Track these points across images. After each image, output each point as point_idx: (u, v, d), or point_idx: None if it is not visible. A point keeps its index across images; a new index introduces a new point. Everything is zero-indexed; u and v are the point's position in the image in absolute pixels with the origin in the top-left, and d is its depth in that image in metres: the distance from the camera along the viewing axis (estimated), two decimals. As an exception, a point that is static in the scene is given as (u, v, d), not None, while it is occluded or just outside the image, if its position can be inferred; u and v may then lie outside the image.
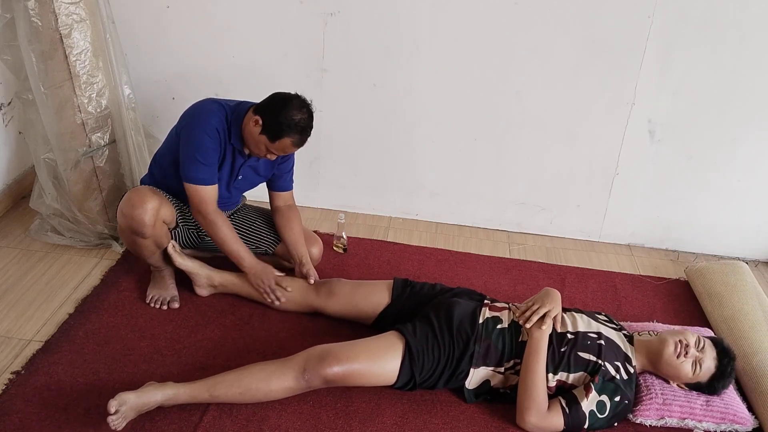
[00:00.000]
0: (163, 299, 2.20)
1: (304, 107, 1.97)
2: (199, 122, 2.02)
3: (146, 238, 2.05)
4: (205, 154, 2.00)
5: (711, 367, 1.87)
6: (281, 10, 2.53)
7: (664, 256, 2.82)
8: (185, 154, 2.02)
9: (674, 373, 1.88)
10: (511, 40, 2.48)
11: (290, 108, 1.95)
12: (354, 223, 2.86)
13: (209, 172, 2.03)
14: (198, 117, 2.04)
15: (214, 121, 2.01)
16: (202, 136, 2.00)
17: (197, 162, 2.00)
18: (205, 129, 2.00)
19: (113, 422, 1.63)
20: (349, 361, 1.78)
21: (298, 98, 1.98)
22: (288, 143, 1.98)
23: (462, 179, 2.82)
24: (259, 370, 1.79)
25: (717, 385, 1.88)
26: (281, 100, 1.97)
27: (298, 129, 1.96)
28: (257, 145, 2.00)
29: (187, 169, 2.02)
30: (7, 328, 2.07)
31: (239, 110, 2.05)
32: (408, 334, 1.87)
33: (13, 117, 2.64)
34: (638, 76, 2.49)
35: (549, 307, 1.89)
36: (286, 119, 1.93)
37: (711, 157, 2.63)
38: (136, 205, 1.99)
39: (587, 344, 1.86)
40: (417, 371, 1.84)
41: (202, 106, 2.07)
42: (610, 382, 1.82)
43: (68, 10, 2.19)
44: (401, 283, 2.11)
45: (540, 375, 1.81)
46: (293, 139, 1.97)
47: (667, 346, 1.87)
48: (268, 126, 1.96)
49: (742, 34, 2.37)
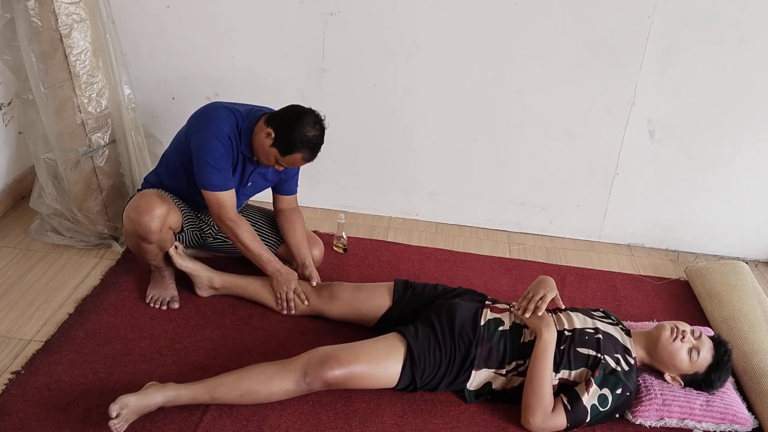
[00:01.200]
0: (163, 299, 2.20)
1: (317, 124, 1.96)
2: (210, 128, 2.00)
3: (152, 244, 2.05)
4: (217, 159, 1.99)
5: (708, 357, 1.87)
6: (281, 11, 2.53)
7: (664, 256, 2.82)
8: (198, 161, 2.00)
9: (671, 360, 1.88)
10: (511, 40, 2.48)
11: (304, 124, 1.93)
12: (354, 223, 2.86)
13: (223, 178, 2.02)
14: (209, 123, 2.01)
15: (225, 128, 1.99)
16: (214, 142, 1.98)
17: (210, 167, 1.99)
18: (217, 135, 1.98)
19: (114, 426, 1.63)
20: (350, 365, 1.78)
21: (313, 114, 1.97)
22: (298, 158, 1.97)
23: (462, 179, 2.82)
24: (260, 373, 1.79)
25: (714, 377, 1.88)
26: (295, 114, 1.96)
27: (310, 146, 1.96)
28: (267, 156, 2.00)
29: (202, 176, 2.01)
30: (7, 328, 2.07)
31: (251, 118, 2.03)
32: (409, 336, 1.86)
33: (13, 117, 2.64)
34: (638, 76, 2.49)
35: (543, 292, 1.90)
36: (300, 135, 1.92)
37: (711, 157, 2.63)
38: (144, 212, 1.98)
39: (585, 339, 1.87)
40: (418, 374, 1.84)
41: (213, 111, 2.04)
42: (611, 374, 1.83)
43: (68, 10, 2.19)
44: (402, 285, 2.10)
45: (547, 377, 1.81)
46: (304, 155, 1.97)
47: (664, 330, 1.89)
48: (280, 140, 1.94)
49: (742, 34, 2.37)
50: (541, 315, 1.88)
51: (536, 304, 1.90)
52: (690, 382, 1.91)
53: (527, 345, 1.87)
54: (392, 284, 2.11)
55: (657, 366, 1.93)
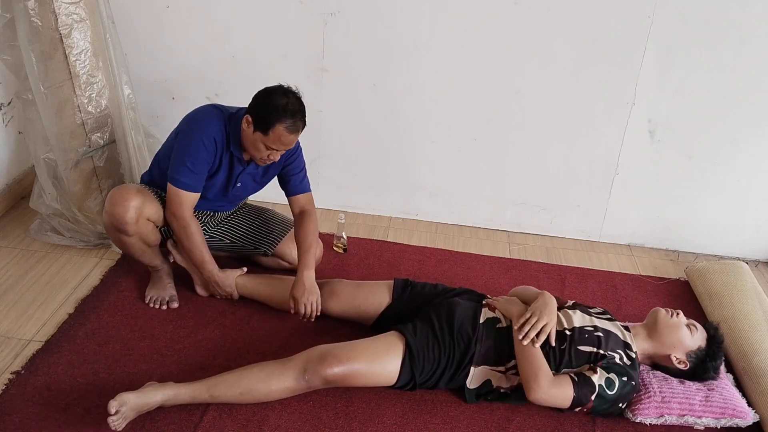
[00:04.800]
0: (162, 299, 2.20)
1: (289, 93, 1.95)
2: (197, 128, 2.01)
3: (130, 236, 2.04)
4: (196, 161, 2.00)
5: (704, 334, 1.95)
6: (281, 10, 2.53)
7: (664, 256, 2.82)
8: (177, 157, 2.02)
9: (675, 334, 1.92)
10: (511, 40, 2.48)
11: (274, 96, 1.93)
12: (354, 223, 2.86)
13: (196, 180, 2.03)
14: (197, 123, 2.03)
15: (212, 129, 2.00)
16: (198, 143, 1.99)
17: (186, 167, 2.00)
18: (202, 136, 1.99)
19: (113, 423, 1.63)
20: (349, 362, 1.78)
21: (281, 87, 1.96)
22: (282, 131, 1.91)
23: (462, 179, 2.82)
24: (259, 371, 1.79)
25: (711, 351, 1.93)
26: (265, 92, 1.96)
27: (287, 113, 1.91)
28: (255, 146, 1.97)
29: (175, 171, 2.02)
30: (7, 328, 2.07)
31: (237, 116, 2.04)
32: (408, 334, 1.87)
33: (13, 117, 2.64)
34: (638, 76, 2.49)
35: (546, 320, 1.88)
36: (273, 107, 1.91)
37: (711, 157, 2.62)
38: (117, 203, 1.99)
39: (585, 337, 1.87)
40: (417, 371, 1.84)
41: (203, 111, 2.06)
42: (615, 364, 1.84)
43: (68, 10, 2.19)
44: (402, 283, 2.10)
45: (535, 348, 1.83)
46: (285, 124, 1.91)
47: (659, 311, 1.98)
48: (258, 121, 1.93)
49: (742, 34, 2.37)
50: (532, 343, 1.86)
51: (537, 331, 1.86)
52: (690, 373, 1.93)
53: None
54: (392, 282, 2.11)
55: (661, 350, 1.94)
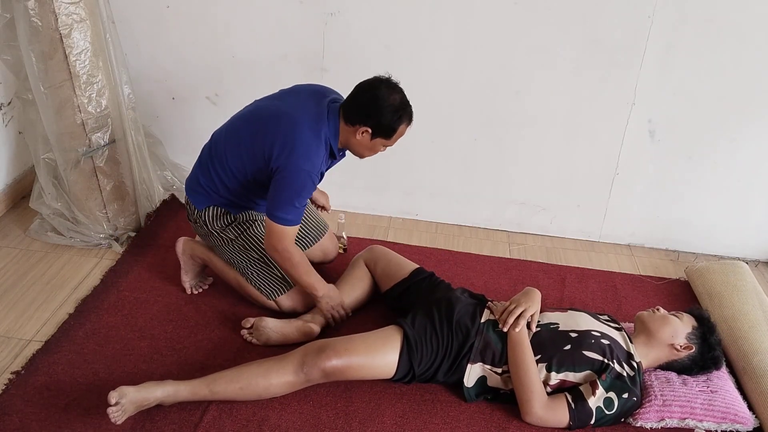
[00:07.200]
0: (191, 284, 2.29)
1: (391, 87, 1.90)
2: (306, 165, 1.90)
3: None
4: (303, 198, 1.93)
5: (689, 315, 1.98)
6: (281, 10, 2.53)
7: (664, 256, 2.82)
8: (283, 196, 1.91)
9: (666, 325, 1.94)
10: (511, 40, 2.48)
11: (386, 98, 1.87)
12: (354, 223, 2.86)
13: (298, 214, 1.96)
14: (306, 161, 1.90)
15: (318, 162, 1.93)
16: (307, 181, 1.91)
17: (293, 206, 1.92)
18: (311, 173, 1.91)
19: (113, 414, 1.64)
20: (347, 354, 1.79)
21: (379, 81, 1.90)
22: (404, 129, 1.96)
23: (462, 179, 2.82)
24: (258, 365, 1.81)
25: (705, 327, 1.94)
26: (371, 97, 1.88)
27: (406, 112, 1.92)
28: (373, 149, 1.99)
29: (279, 209, 1.92)
30: (7, 328, 2.08)
31: (331, 125, 1.96)
32: (406, 325, 1.89)
33: (13, 117, 2.64)
34: (638, 76, 2.49)
35: (525, 306, 1.91)
36: (391, 112, 1.88)
37: (711, 157, 2.62)
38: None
39: (591, 343, 1.86)
40: (416, 362, 1.85)
41: (306, 142, 1.90)
42: (618, 379, 1.83)
43: (68, 10, 2.19)
44: (424, 271, 2.18)
45: (529, 365, 1.82)
46: (407, 122, 1.94)
47: (641, 314, 2.02)
48: (379, 129, 1.91)
49: (742, 34, 2.37)
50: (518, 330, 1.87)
51: (515, 318, 1.89)
52: (698, 345, 1.93)
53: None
54: (417, 266, 2.20)
55: (663, 346, 1.94)
